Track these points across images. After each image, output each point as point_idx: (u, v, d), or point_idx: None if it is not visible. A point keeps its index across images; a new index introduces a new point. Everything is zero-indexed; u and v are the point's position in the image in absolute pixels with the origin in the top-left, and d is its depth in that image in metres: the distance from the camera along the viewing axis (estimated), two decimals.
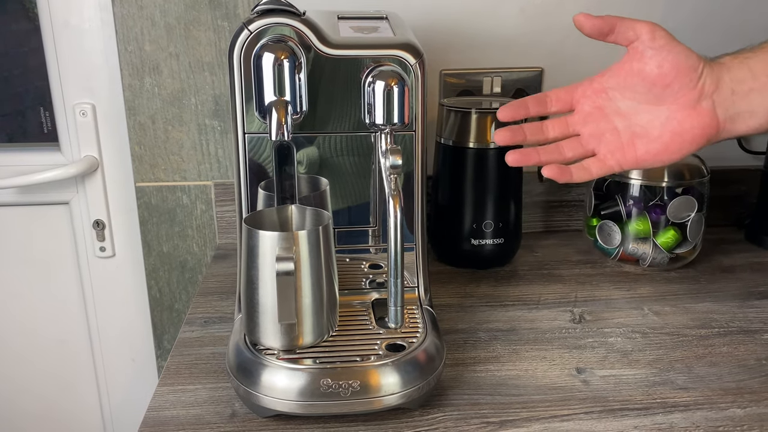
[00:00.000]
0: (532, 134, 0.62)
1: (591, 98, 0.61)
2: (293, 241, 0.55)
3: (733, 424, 0.59)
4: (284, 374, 0.57)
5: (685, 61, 0.57)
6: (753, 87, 0.57)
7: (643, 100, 0.59)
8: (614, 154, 0.61)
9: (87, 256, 1.05)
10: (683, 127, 0.58)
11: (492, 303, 0.81)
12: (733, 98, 0.57)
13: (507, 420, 0.59)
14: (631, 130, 0.60)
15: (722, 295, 0.83)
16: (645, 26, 0.57)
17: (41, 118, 1.05)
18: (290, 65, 0.60)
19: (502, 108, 0.62)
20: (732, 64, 0.58)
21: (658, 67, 0.57)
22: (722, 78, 0.57)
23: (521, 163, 0.61)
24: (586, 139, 0.61)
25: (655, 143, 0.59)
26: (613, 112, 0.61)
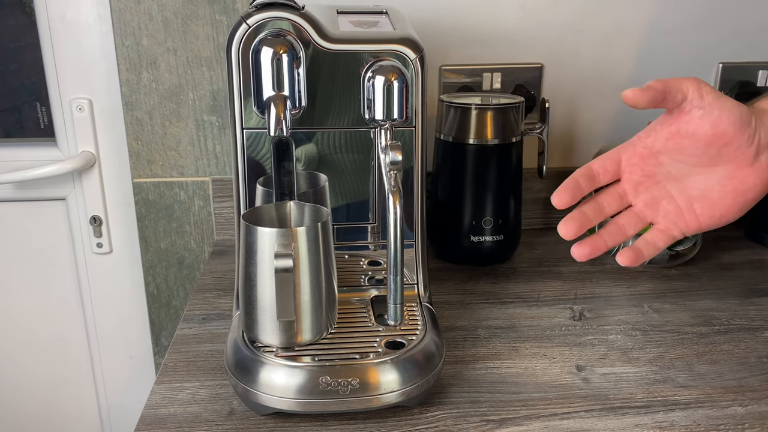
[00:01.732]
0: (594, 217, 0.58)
1: (639, 165, 0.57)
2: (292, 238, 0.55)
3: (734, 422, 0.58)
4: (283, 372, 0.56)
5: (739, 118, 0.53)
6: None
7: (696, 162, 0.55)
8: (676, 224, 0.57)
9: (84, 252, 1.05)
10: (745, 186, 0.55)
11: (492, 300, 0.80)
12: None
13: (507, 418, 0.59)
14: (688, 195, 0.56)
15: (723, 293, 0.82)
16: (691, 84, 0.53)
17: (38, 114, 1.04)
18: (289, 60, 0.60)
19: (556, 194, 0.56)
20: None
21: (713, 127, 0.53)
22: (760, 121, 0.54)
23: (592, 256, 0.57)
24: (642, 211, 0.58)
25: (718, 207, 0.56)
26: (664, 178, 0.57)
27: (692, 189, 0.57)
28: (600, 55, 0.98)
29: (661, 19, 0.97)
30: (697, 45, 0.98)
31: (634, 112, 1.00)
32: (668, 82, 0.53)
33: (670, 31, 0.98)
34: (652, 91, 0.52)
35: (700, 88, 0.53)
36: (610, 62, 0.98)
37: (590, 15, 0.96)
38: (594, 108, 1.00)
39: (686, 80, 0.53)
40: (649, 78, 1.04)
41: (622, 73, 0.99)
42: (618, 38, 0.97)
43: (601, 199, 0.58)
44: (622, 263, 0.57)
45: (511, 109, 0.84)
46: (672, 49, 0.98)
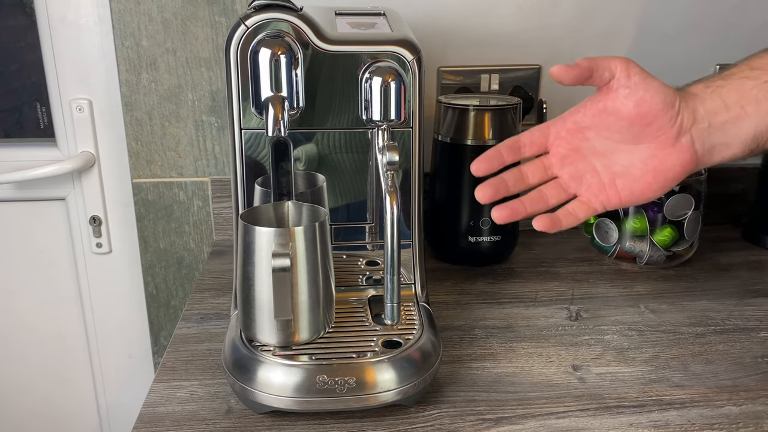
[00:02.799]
0: (514, 185, 0.59)
1: (566, 139, 0.59)
2: (289, 238, 0.55)
3: (729, 422, 0.59)
4: (280, 370, 0.57)
5: (663, 99, 0.54)
6: (727, 119, 0.55)
7: (620, 139, 0.57)
8: (597, 197, 0.58)
9: (83, 252, 1.05)
10: (665, 165, 0.56)
11: (489, 300, 0.80)
12: (709, 131, 0.56)
13: (503, 417, 0.59)
14: (611, 170, 0.58)
15: (719, 293, 0.83)
16: (619, 63, 0.55)
17: (38, 114, 1.05)
18: (287, 61, 0.60)
19: (475, 162, 0.58)
20: (705, 96, 0.56)
21: (636, 106, 0.54)
22: (697, 111, 0.56)
23: (510, 219, 0.58)
24: (567, 183, 0.59)
25: (638, 183, 0.58)
26: (590, 153, 0.58)
27: (616, 165, 0.58)
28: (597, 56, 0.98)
29: (659, 20, 0.97)
30: (694, 47, 0.99)
31: None
32: (596, 61, 0.55)
33: (668, 32, 0.98)
34: (578, 69, 0.54)
35: (627, 67, 0.55)
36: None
37: (588, 16, 0.96)
38: None
39: (615, 59, 0.55)
40: None
41: None
42: (615, 40, 0.97)
43: (525, 169, 0.60)
44: (537, 227, 0.58)
45: (509, 110, 0.85)
46: (669, 50, 0.98)
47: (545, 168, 0.60)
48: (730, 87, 0.56)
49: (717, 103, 0.56)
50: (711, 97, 0.56)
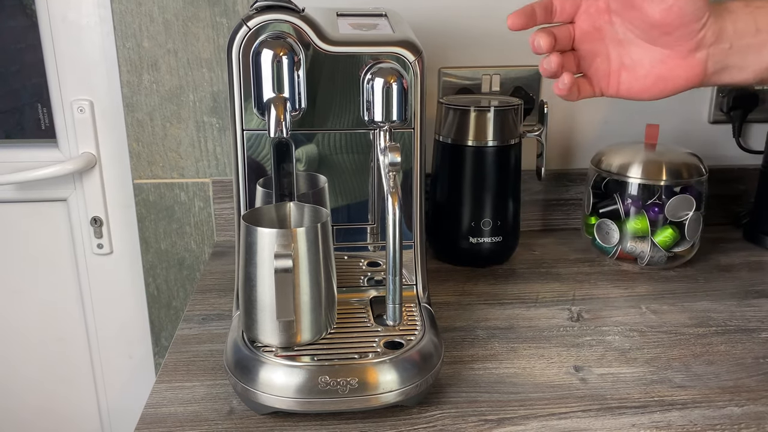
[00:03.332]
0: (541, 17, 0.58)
1: (593, 16, 0.58)
2: (291, 238, 0.55)
3: (731, 423, 0.59)
4: (282, 371, 0.57)
5: (693, 11, 0.53)
6: (751, 43, 0.54)
7: (640, 35, 0.56)
8: (599, 81, 0.59)
9: (84, 253, 1.05)
10: (672, 74, 0.57)
11: (490, 301, 0.81)
12: (729, 52, 0.55)
13: (505, 418, 0.59)
14: (621, 60, 0.58)
15: (720, 294, 0.83)
16: None
17: (39, 115, 1.05)
18: (289, 62, 0.60)
19: (511, 16, 0.57)
20: (740, 14, 0.54)
21: (662, 13, 0.53)
22: (725, 30, 0.54)
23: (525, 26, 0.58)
24: (580, 58, 0.59)
25: (639, 82, 0.58)
26: (609, 37, 0.58)
27: (627, 57, 0.58)
28: None
29: None
30: None
31: (632, 115, 1.01)
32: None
33: None
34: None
35: None
36: None
37: None
38: (592, 110, 1.01)
39: None
40: None
41: None
42: None
43: (553, 29, 0.59)
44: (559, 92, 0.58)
45: (510, 111, 0.85)
46: None
47: (570, 35, 0.59)
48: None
49: (749, 25, 0.54)
50: (746, 17, 0.54)
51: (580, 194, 1.01)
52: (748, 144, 1.04)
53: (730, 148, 1.03)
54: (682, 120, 1.02)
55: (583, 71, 0.60)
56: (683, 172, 0.87)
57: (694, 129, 1.03)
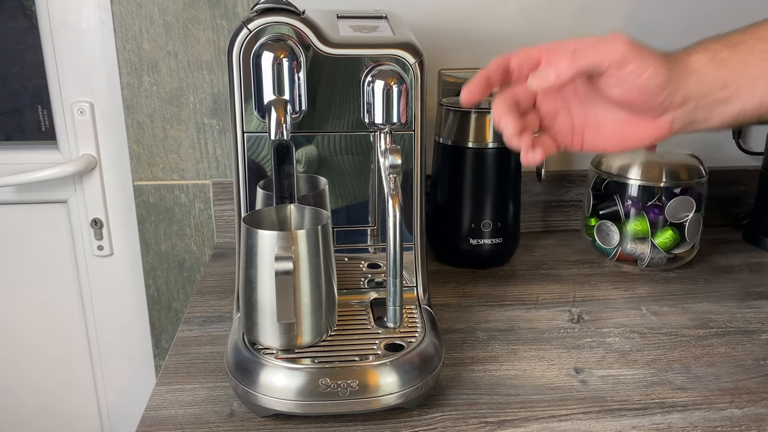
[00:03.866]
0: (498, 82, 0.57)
1: None
2: (292, 241, 0.55)
3: (731, 425, 0.59)
4: (283, 374, 0.57)
5: (653, 88, 0.52)
6: (717, 98, 0.53)
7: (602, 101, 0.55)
8: (563, 138, 0.57)
9: (85, 254, 1.05)
10: (636, 135, 0.56)
11: (490, 303, 0.81)
12: (694, 110, 0.54)
13: (505, 420, 0.59)
14: (584, 119, 0.57)
15: (720, 296, 0.83)
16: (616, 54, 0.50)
17: (39, 117, 1.05)
18: (289, 64, 0.60)
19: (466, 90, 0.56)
20: (705, 72, 0.53)
21: (621, 94, 0.53)
22: (690, 92, 0.53)
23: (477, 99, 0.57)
24: (542, 115, 0.57)
25: (603, 140, 0.57)
26: (572, 95, 0.56)
27: (590, 115, 0.56)
28: None
29: (659, 21, 0.97)
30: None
31: None
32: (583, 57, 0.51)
33: (668, 33, 0.98)
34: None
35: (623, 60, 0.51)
36: None
37: (588, 18, 0.96)
38: None
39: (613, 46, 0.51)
40: None
41: None
42: None
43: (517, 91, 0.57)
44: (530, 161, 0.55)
45: None
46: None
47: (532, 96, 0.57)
48: (735, 61, 0.53)
49: (715, 81, 0.53)
50: (712, 73, 0.53)
51: (580, 196, 1.01)
52: (748, 145, 1.04)
53: (730, 150, 1.03)
54: None
55: (545, 128, 0.58)
56: (683, 173, 0.87)
57: None
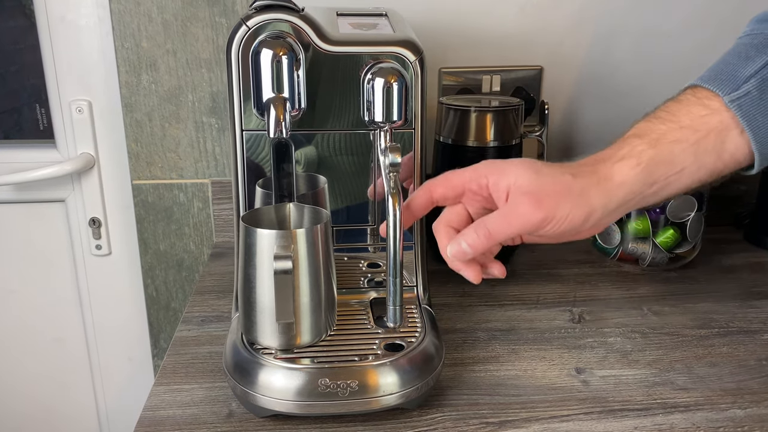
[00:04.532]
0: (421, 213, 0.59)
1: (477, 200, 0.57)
2: (291, 240, 0.55)
3: (734, 425, 0.58)
4: (282, 374, 0.56)
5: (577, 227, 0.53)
6: (647, 194, 0.54)
7: None
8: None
9: (83, 254, 1.04)
10: (572, 238, 0.56)
11: (491, 302, 0.80)
12: (624, 210, 0.55)
13: (506, 420, 0.59)
14: None
15: (722, 295, 0.82)
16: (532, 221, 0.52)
17: (37, 115, 1.04)
18: (288, 62, 0.60)
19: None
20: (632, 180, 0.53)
21: (545, 240, 0.55)
22: (619, 204, 0.53)
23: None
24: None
25: (539, 239, 0.57)
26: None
27: None
28: (599, 58, 0.98)
29: (660, 21, 0.97)
30: (695, 47, 0.98)
31: (633, 114, 1.00)
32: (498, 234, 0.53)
33: (669, 32, 0.98)
34: None
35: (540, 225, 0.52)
36: (609, 64, 0.98)
37: (590, 17, 0.96)
38: (593, 110, 1.00)
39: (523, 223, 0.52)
40: (649, 81, 1.03)
41: (621, 76, 0.99)
42: (617, 40, 0.97)
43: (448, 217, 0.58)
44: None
45: (511, 112, 0.84)
46: (671, 51, 0.98)
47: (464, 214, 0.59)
48: (659, 159, 0.54)
49: (643, 185, 0.54)
50: (639, 179, 0.53)
51: None
52: None
53: None
54: None
55: None
56: None
57: None
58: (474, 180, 0.56)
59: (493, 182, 0.55)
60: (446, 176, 0.58)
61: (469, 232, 0.54)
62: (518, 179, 0.53)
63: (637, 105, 1.00)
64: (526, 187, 0.53)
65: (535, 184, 0.53)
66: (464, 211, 0.58)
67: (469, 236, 0.54)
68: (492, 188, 0.55)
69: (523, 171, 0.54)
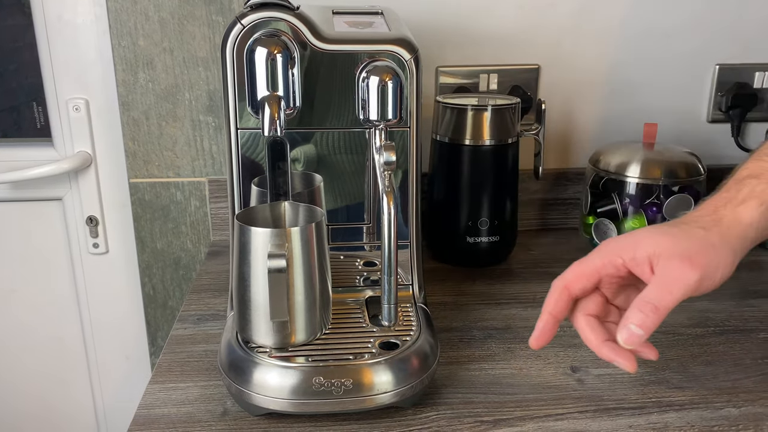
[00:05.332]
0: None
1: (617, 283, 0.56)
2: (286, 238, 0.55)
3: (728, 424, 0.58)
4: (276, 372, 0.56)
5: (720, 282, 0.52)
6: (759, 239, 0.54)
7: None
8: None
9: (80, 252, 1.04)
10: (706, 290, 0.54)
11: (487, 301, 0.80)
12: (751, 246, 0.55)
13: (501, 419, 0.59)
14: None
15: (718, 294, 0.81)
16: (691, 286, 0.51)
17: (34, 114, 1.04)
18: (283, 60, 0.59)
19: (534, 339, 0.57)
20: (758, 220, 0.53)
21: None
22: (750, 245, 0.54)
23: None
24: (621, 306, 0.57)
25: None
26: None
27: None
28: (597, 57, 0.98)
29: (658, 20, 0.97)
30: (693, 47, 0.98)
31: (630, 114, 1.01)
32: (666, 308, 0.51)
33: (667, 32, 0.98)
34: None
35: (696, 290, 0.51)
36: (606, 64, 0.98)
37: (587, 16, 0.96)
38: (590, 109, 1.00)
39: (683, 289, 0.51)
40: (645, 79, 1.03)
41: (618, 75, 0.99)
42: (615, 40, 0.97)
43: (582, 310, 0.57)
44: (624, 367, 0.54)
45: (508, 110, 0.84)
46: (669, 50, 0.98)
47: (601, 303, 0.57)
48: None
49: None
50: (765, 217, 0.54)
51: (577, 194, 1.01)
52: (747, 143, 1.03)
53: (729, 148, 1.02)
54: (681, 119, 1.01)
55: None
56: (681, 171, 0.86)
57: (693, 128, 1.02)
58: (608, 264, 0.55)
59: (629, 258, 0.53)
60: (575, 270, 0.57)
61: (633, 313, 0.51)
62: (657, 247, 0.52)
63: (633, 104, 1.01)
64: (671, 251, 0.51)
65: (678, 247, 0.52)
66: (600, 297, 0.57)
67: (636, 317, 0.50)
68: (630, 265, 0.53)
69: (659, 238, 0.52)
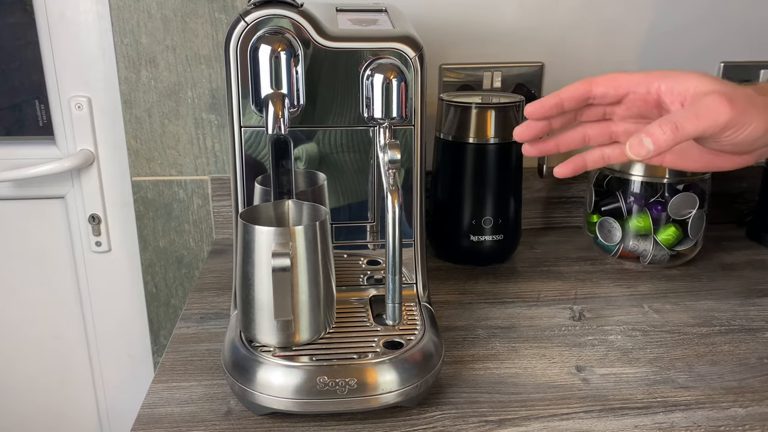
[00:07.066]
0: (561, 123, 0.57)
1: (639, 107, 0.55)
2: (290, 237, 0.55)
3: (735, 424, 0.58)
4: (280, 372, 0.56)
5: (751, 141, 0.50)
6: None
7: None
8: None
9: (83, 250, 1.04)
10: (722, 165, 0.55)
11: (491, 300, 0.80)
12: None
13: (506, 419, 0.58)
14: None
15: (723, 293, 0.82)
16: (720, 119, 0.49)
17: (37, 112, 1.04)
18: (287, 57, 0.59)
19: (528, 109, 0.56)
20: None
21: (717, 147, 0.52)
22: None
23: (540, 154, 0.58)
24: (617, 134, 0.56)
25: (687, 162, 0.56)
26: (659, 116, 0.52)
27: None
28: (601, 54, 0.97)
29: (663, 17, 0.96)
30: (698, 44, 0.98)
31: None
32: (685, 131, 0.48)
33: (672, 29, 0.97)
34: None
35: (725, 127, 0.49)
36: (610, 61, 0.98)
37: (591, 13, 0.95)
38: None
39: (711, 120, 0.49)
40: None
41: None
42: (619, 37, 0.97)
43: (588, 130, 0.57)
44: (559, 175, 0.57)
45: (512, 108, 0.84)
46: (673, 47, 0.98)
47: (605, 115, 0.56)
48: None
49: None
50: None
51: (582, 192, 1.00)
52: None
53: None
54: None
55: (617, 139, 0.56)
56: None
57: None
58: (644, 83, 0.53)
59: (667, 87, 0.52)
60: (612, 75, 0.55)
61: (652, 126, 0.49)
62: (700, 85, 0.51)
63: None
64: (713, 88, 0.50)
65: (722, 87, 0.51)
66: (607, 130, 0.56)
67: (653, 129, 0.48)
68: (665, 93, 0.52)
69: (704, 78, 0.51)
